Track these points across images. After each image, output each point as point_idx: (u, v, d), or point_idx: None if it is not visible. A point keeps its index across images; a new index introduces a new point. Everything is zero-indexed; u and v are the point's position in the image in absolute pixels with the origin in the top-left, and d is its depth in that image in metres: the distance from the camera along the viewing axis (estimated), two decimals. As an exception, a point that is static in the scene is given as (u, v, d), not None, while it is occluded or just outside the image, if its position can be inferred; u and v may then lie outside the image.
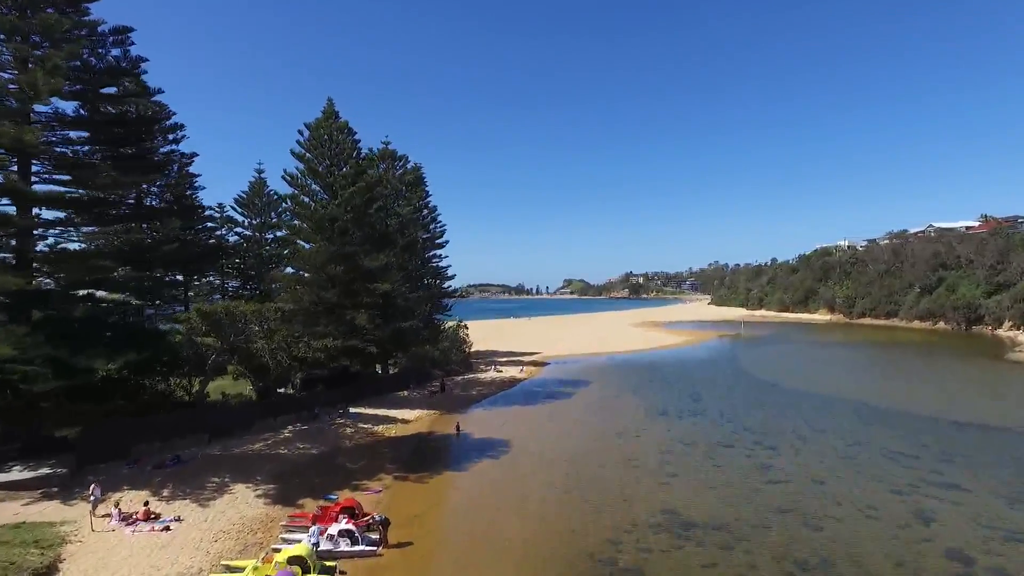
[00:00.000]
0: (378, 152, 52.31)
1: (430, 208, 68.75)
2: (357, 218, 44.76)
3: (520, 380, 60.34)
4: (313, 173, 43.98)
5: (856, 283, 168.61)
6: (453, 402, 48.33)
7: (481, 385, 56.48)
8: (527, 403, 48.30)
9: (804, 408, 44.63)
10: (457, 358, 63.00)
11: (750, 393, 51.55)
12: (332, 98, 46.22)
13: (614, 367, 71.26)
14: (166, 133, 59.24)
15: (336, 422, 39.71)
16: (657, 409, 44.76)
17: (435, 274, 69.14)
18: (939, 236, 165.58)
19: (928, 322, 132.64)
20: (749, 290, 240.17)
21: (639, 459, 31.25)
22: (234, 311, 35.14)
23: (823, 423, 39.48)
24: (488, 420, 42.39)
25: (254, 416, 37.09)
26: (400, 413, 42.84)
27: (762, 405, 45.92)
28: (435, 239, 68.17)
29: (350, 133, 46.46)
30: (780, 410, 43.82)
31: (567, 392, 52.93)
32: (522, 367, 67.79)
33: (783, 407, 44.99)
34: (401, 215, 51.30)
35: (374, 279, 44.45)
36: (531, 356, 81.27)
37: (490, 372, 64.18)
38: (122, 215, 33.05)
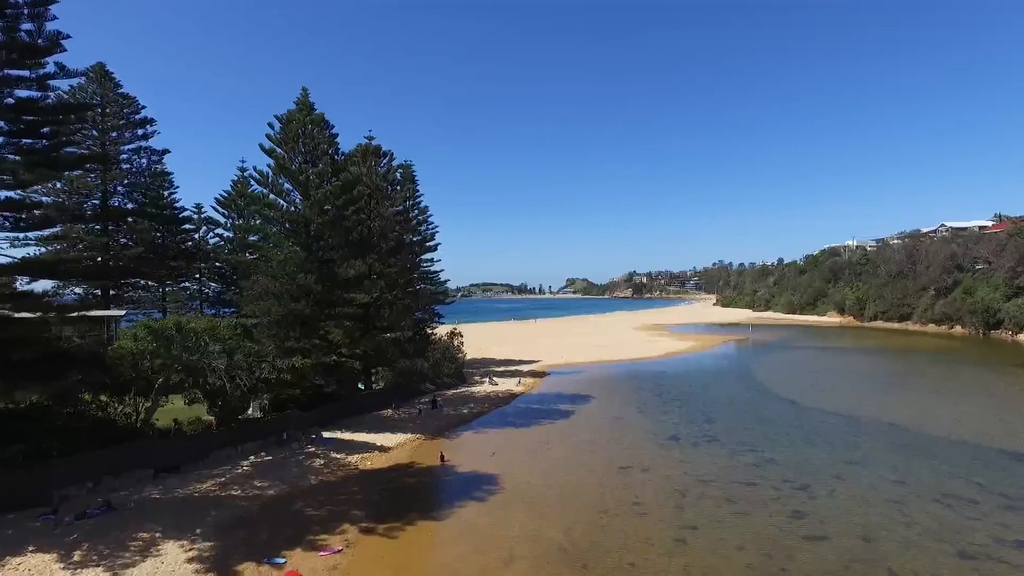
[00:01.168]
0: (359, 148, 48.00)
1: (421, 208, 64.43)
2: (333, 220, 40.42)
3: (517, 395, 55.89)
4: (284, 171, 39.63)
5: (867, 285, 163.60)
6: (441, 423, 43.92)
7: (474, 401, 52.05)
8: (522, 424, 43.85)
9: (831, 432, 40.05)
10: (449, 370, 58.61)
11: (768, 413, 46.99)
12: (307, 88, 41.86)
13: (618, 378, 66.76)
14: (134, 128, 55.16)
15: (307, 450, 35.37)
16: (666, 433, 40.26)
17: (426, 279, 64.85)
18: (954, 236, 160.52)
19: (944, 326, 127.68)
20: (755, 291, 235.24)
21: (648, 504, 26.77)
22: (185, 326, 30.82)
23: (855, 453, 34.89)
24: (478, 446, 37.98)
25: (211, 446, 32.76)
26: (380, 438, 38.45)
27: (783, 428, 41.38)
28: (426, 241, 63.82)
29: (327, 127, 42.12)
30: (805, 435, 39.26)
31: (567, 410, 48.46)
32: (520, 379, 63.36)
33: (807, 431, 40.43)
34: (385, 216, 46.88)
35: (352, 288, 40.10)
36: (530, 365, 76.83)
37: (485, 385, 59.77)
38: (39, 218, 28.35)
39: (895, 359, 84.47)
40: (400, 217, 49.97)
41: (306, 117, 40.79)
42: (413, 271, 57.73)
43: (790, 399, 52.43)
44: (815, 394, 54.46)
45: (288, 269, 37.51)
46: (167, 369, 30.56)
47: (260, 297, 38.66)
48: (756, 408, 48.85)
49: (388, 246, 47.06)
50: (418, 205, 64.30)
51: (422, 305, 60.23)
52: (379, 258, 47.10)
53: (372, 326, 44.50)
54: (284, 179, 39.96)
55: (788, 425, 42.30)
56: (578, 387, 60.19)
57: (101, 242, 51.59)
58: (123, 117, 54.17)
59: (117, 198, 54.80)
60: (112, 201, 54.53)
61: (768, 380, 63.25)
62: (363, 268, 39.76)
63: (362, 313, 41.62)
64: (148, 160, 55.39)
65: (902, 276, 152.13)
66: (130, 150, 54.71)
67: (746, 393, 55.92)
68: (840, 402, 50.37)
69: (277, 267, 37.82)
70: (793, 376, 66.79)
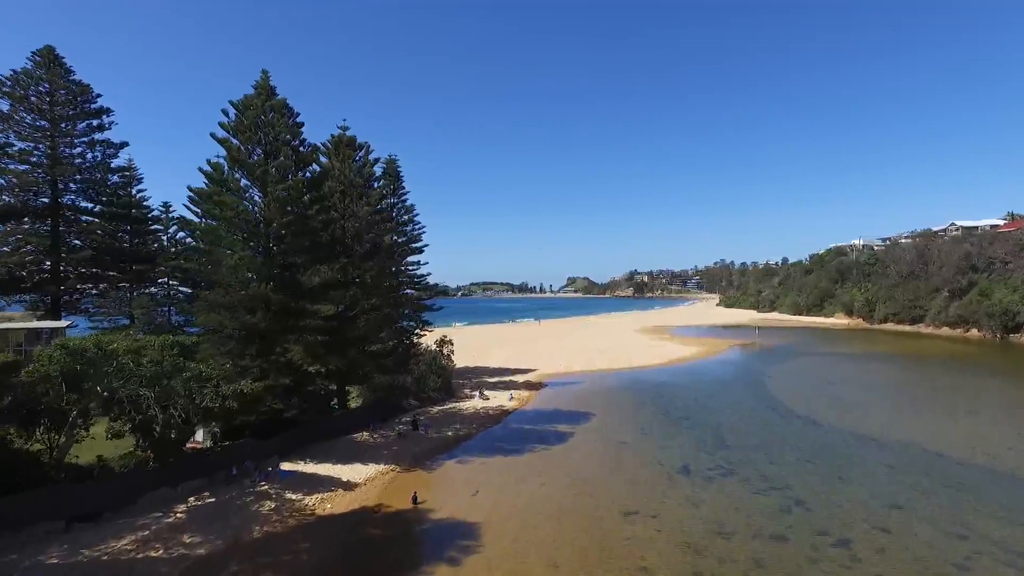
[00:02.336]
0: (331, 139, 43.02)
1: (407, 207, 59.45)
2: (297, 220, 35.46)
3: (509, 411, 50.90)
4: (239, 163, 34.64)
5: (876, 286, 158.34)
6: (422, 449, 39.00)
7: (461, 420, 47.11)
8: (512, 450, 38.92)
9: (863, 463, 35.09)
10: (435, 384, 53.65)
11: (787, 435, 42.05)
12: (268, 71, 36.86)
13: (619, 390, 61.80)
14: (88, 118, 50.21)
15: (259, 488, 30.46)
16: (675, 462, 35.33)
17: (412, 284, 59.85)
18: (966, 236, 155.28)
19: (959, 329, 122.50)
20: (760, 291, 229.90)
21: (657, 570, 21.85)
22: (106, 347, 25.93)
23: (898, 492, 29.93)
24: (460, 481, 33.05)
25: (143, 486, 27.91)
26: (348, 471, 33.52)
27: (807, 456, 36.44)
28: (412, 242, 58.81)
29: (290, 114, 37.14)
30: (834, 466, 34.28)
31: (563, 431, 43.53)
32: (512, 393, 58.39)
33: (836, 461, 35.46)
34: (360, 216, 41.89)
35: (318, 298, 35.19)
36: (525, 375, 71.84)
37: (475, 400, 54.82)
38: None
39: (915, 367, 79.41)
40: (379, 216, 44.96)
41: (265, 103, 35.81)
42: (396, 275, 52.75)
43: (810, 418, 47.47)
44: (837, 412, 49.47)
45: (240, 276, 32.59)
46: (85, 398, 25.66)
47: (212, 308, 33.71)
48: (773, 429, 43.91)
49: (363, 249, 42.05)
50: (404, 203, 59.44)
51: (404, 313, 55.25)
52: (353, 262, 42.16)
53: (344, 339, 39.56)
54: (240, 173, 35.01)
55: (812, 452, 37.35)
56: (576, 401, 55.25)
57: (46, 244, 46.75)
58: (75, 106, 49.31)
59: (70, 195, 49.98)
60: (65, 198, 49.74)
61: (782, 393, 58.27)
62: (330, 275, 34.85)
63: (331, 325, 36.71)
64: (103, 154, 50.39)
65: (913, 277, 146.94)
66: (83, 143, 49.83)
67: (760, 410, 50.94)
68: (866, 422, 45.41)
69: (227, 274, 32.84)
70: (808, 389, 61.80)
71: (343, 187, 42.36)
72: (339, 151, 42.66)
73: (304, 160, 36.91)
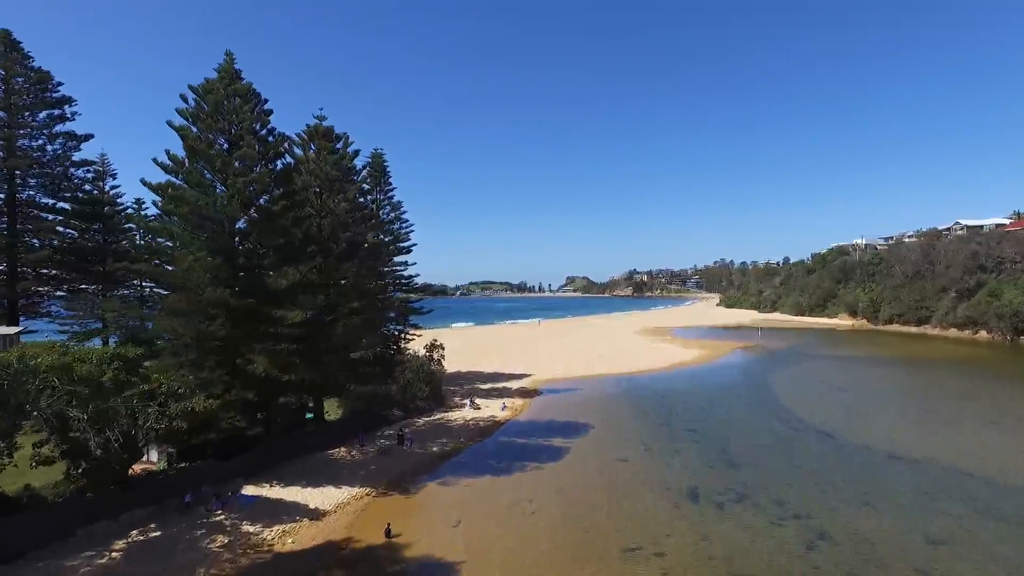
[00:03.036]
0: (305, 129, 39.56)
1: (394, 204, 56.16)
2: (263, 217, 32.07)
3: (500, 423, 47.51)
4: (199, 154, 31.19)
5: (881, 286, 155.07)
6: (404, 467, 35.64)
7: (449, 433, 43.72)
8: (501, 468, 35.54)
9: (890, 485, 31.75)
10: (423, 393, 50.22)
11: (802, 451, 38.74)
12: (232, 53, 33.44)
13: (619, 398, 58.48)
14: (49, 107, 46.76)
15: (215, 518, 27.10)
16: (682, 485, 31.97)
17: (399, 286, 56.52)
18: (972, 235, 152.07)
19: (967, 331, 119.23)
20: (761, 291, 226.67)
21: (667, 628, 18.52)
22: (30, 362, 22.53)
23: (935, 523, 26.56)
24: (441, 508, 29.67)
25: (75, 520, 24.51)
26: (318, 496, 30.13)
27: (827, 478, 33.08)
28: (399, 241, 55.48)
29: (257, 101, 33.72)
30: (858, 490, 30.89)
31: (558, 447, 40.19)
32: (505, 401, 54.99)
33: (860, 483, 32.11)
34: (337, 212, 38.42)
35: (285, 302, 31.81)
36: (520, 381, 68.45)
37: (465, 409, 51.42)
38: None
39: (926, 372, 76.11)
40: (360, 213, 41.49)
41: (229, 87, 32.37)
42: (380, 277, 49.36)
43: (822, 429, 44.16)
44: (853, 423, 46.19)
45: (196, 278, 29.18)
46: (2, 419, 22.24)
47: (170, 314, 30.29)
48: (785, 444, 40.60)
49: (340, 248, 38.62)
50: (390, 200, 56.15)
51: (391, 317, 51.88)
52: (330, 263, 38.79)
53: (319, 347, 36.21)
54: (201, 165, 31.58)
55: (831, 472, 34.03)
56: (573, 411, 51.89)
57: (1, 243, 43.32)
58: (34, 95, 45.85)
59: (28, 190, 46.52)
60: (23, 194, 46.29)
61: (791, 401, 54.94)
62: (299, 277, 31.45)
63: (301, 333, 33.36)
64: (65, 146, 46.93)
65: (919, 277, 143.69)
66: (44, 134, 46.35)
67: (769, 420, 47.61)
68: (883, 434, 42.13)
69: (182, 277, 29.40)
70: (817, 396, 58.51)
71: (320, 181, 38.93)
72: (314, 142, 39.19)
73: (272, 150, 33.47)
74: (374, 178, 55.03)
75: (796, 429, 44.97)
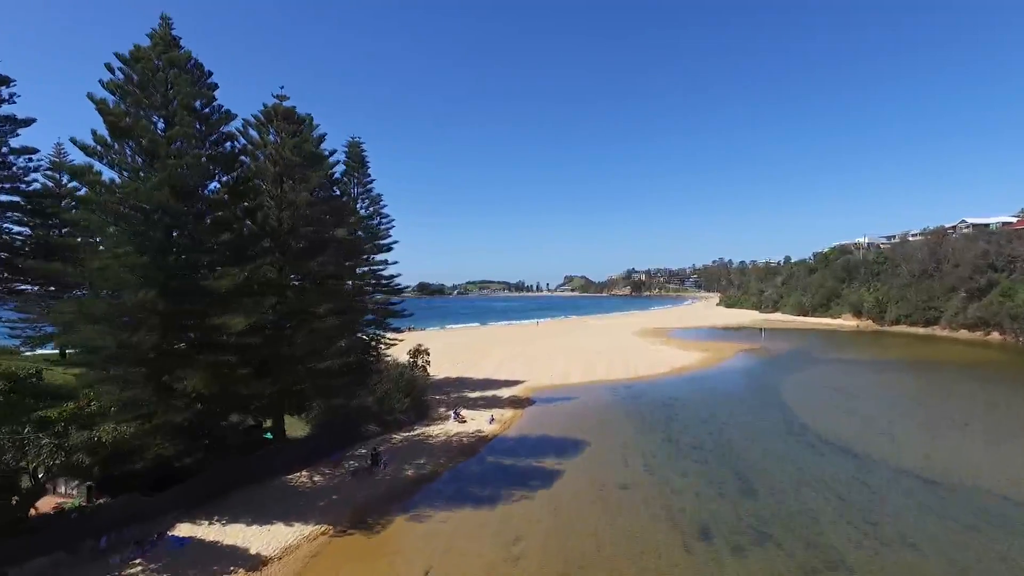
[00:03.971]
0: (263, 111, 34.85)
1: (373, 198, 51.66)
2: (201, 208, 27.42)
3: (487, 438, 42.91)
4: (123, 133, 26.51)
5: (887, 286, 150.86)
6: (372, 496, 31.04)
7: (428, 452, 39.13)
8: (484, 497, 30.99)
9: (932, 520, 27.32)
10: (403, 406, 45.56)
11: (824, 475, 34.22)
12: (169, 17, 28.77)
13: (618, 408, 53.95)
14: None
15: (130, 566, 22.51)
16: (691, 520, 27.46)
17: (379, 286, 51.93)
18: (980, 233, 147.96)
19: (978, 332, 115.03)
20: (762, 291, 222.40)
21: None
22: None
23: (995, 569, 22.19)
24: (409, 552, 25.08)
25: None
26: (263, 537, 25.52)
27: (856, 509, 28.63)
28: (378, 238, 50.93)
29: (199, 73, 29.07)
30: (898, 530, 26.44)
31: (550, 468, 35.64)
32: (495, 411, 50.42)
33: (897, 518, 27.67)
34: (298, 204, 33.77)
35: (230, 307, 27.19)
36: (512, 387, 63.90)
37: (449, 422, 46.81)
38: None
39: (943, 377, 71.72)
40: (327, 206, 36.87)
41: (163, 55, 27.71)
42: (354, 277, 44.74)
43: (843, 446, 39.73)
44: (873, 437, 41.77)
45: (115, 279, 24.58)
46: None
47: (86, 320, 25.64)
48: (805, 465, 36.11)
49: (300, 244, 34.01)
50: (369, 193, 51.63)
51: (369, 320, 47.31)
52: (291, 262, 34.21)
53: (277, 357, 31.65)
54: (127, 145, 26.93)
55: (861, 502, 29.56)
56: (568, 423, 47.34)
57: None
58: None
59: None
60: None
61: (804, 412, 50.49)
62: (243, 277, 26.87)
63: (253, 342, 28.79)
64: (0, 131, 42.22)
65: (926, 276, 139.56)
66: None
67: (783, 436, 43.14)
68: (912, 452, 37.74)
69: (95, 276, 24.77)
70: (831, 406, 54.04)
71: (279, 167, 34.28)
72: (272, 124, 34.52)
73: (214, 130, 28.81)
74: (351, 169, 50.57)
75: (812, 445, 40.53)
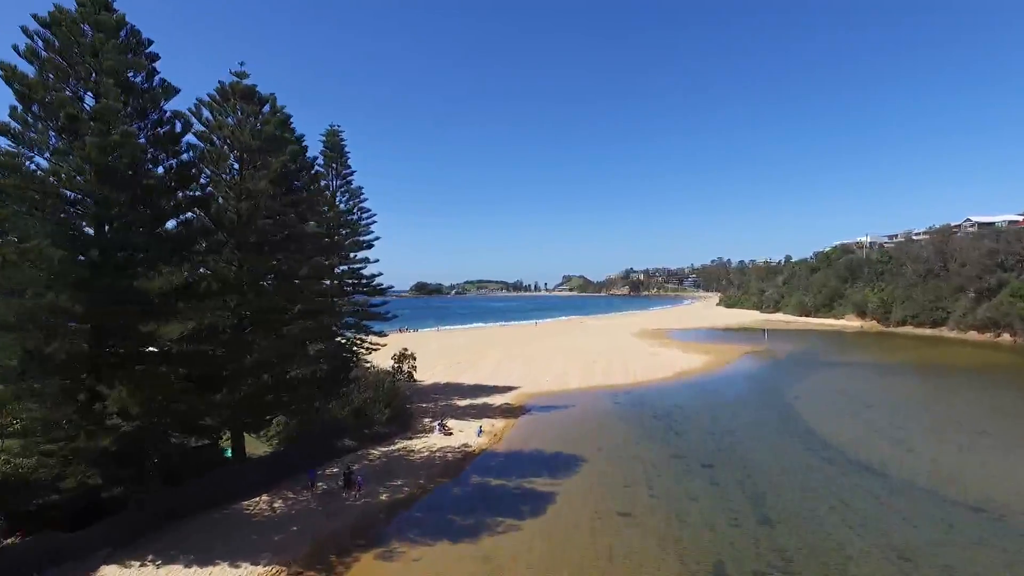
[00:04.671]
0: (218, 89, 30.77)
1: (353, 191, 47.83)
2: (133, 195, 23.51)
3: (474, 454, 38.98)
4: (34, 105, 22.53)
5: (892, 285, 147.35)
6: (337, 526, 27.15)
7: (408, 471, 35.20)
8: (465, 529, 27.08)
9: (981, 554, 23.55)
10: (383, 417, 41.62)
11: (851, 499, 30.39)
12: (101, -26, 24.77)
13: (618, 418, 50.15)
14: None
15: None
16: (707, 560, 23.55)
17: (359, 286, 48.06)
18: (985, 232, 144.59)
19: (988, 333, 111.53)
20: (763, 291, 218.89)
21: None
22: None
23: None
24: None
25: None
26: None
27: (890, 539, 24.83)
28: (357, 234, 47.06)
29: (135, 41, 25.12)
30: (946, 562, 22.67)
31: (541, 492, 31.74)
32: (485, 422, 46.57)
33: (942, 552, 23.87)
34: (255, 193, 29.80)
35: (168, 312, 23.28)
36: (505, 394, 60.06)
37: (434, 435, 42.90)
38: None
39: (960, 383, 68.11)
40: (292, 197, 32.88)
41: (92, 17, 23.73)
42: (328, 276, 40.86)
43: (867, 464, 35.96)
44: (898, 453, 38.11)
45: (19, 277, 20.68)
46: None
47: None
48: (828, 487, 32.29)
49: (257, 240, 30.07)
50: (348, 186, 47.75)
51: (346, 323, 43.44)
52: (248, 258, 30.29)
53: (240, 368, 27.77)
54: (42, 122, 23.01)
55: (897, 532, 25.78)
56: (563, 436, 43.50)
57: None
58: None
59: None
60: None
61: (820, 423, 46.73)
62: (181, 278, 23.02)
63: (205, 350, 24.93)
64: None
65: (933, 276, 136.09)
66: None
67: (802, 451, 39.34)
68: (946, 471, 34.06)
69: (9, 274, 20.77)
70: (848, 415, 50.25)
71: (238, 150, 30.36)
72: (228, 103, 30.54)
73: (152, 106, 24.90)
74: (329, 159, 46.68)
75: (832, 462, 36.75)
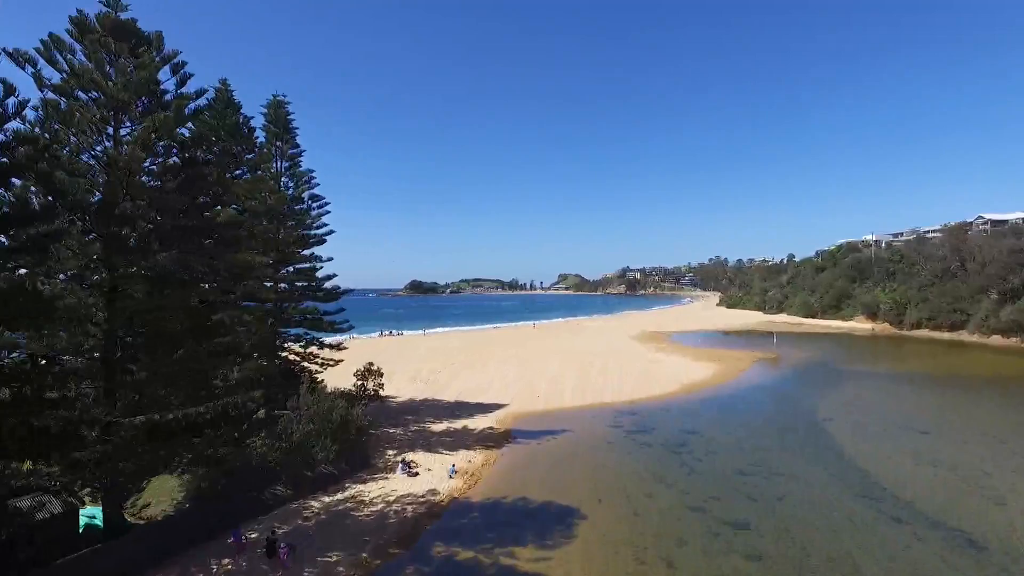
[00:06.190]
0: (75, 21, 22.13)
1: (300, 174, 39.43)
2: None
3: (442, 507, 30.54)
4: None
5: (905, 286, 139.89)
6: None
7: (350, 538, 26.82)
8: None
9: None
10: (329, 456, 33.14)
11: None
12: None
13: (621, 448, 41.95)
14: None
15: None
16: None
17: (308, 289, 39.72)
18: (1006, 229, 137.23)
19: (1014, 337, 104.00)
20: (766, 291, 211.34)
21: None
22: None
23: None
24: None
25: None
26: None
27: None
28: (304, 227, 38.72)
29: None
30: None
31: (524, 573, 23.51)
32: (459, 457, 38.32)
33: None
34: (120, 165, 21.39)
35: None
36: (489, 414, 51.78)
37: (395, 475, 34.55)
38: None
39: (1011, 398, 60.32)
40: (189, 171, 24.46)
41: None
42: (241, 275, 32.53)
43: (954, 527, 27.77)
44: (991, 511, 30.00)
45: None
46: None
47: None
48: (900, 558, 24.21)
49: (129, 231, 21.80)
50: (296, 169, 39.33)
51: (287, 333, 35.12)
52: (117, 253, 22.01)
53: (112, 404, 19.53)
54: None
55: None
56: (554, 477, 35.23)
57: None
58: None
59: None
60: None
61: (865, 457, 38.55)
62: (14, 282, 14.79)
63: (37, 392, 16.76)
64: None
65: (950, 276, 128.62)
66: None
67: (854, 504, 31.04)
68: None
69: None
70: (900, 448, 42.05)
71: (103, 112, 22.05)
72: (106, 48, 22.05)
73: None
74: (273, 136, 38.29)
75: (902, 521, 28.42)
